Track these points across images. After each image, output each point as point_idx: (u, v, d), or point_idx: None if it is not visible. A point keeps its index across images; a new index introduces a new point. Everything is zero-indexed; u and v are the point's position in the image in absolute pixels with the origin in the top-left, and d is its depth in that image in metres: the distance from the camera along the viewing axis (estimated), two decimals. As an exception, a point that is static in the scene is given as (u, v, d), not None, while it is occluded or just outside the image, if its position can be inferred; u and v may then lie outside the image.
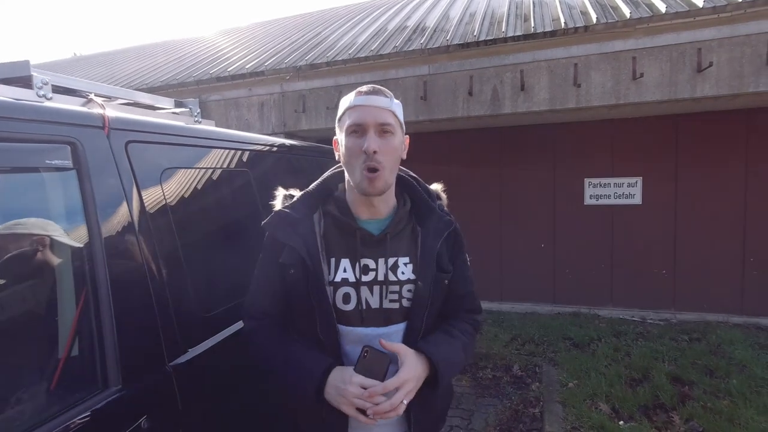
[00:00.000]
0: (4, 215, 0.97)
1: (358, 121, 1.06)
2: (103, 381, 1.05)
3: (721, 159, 4.79)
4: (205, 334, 1.37)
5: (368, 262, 1.12)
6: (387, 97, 1.10)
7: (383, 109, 1.07)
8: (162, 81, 5.95)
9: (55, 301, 1.04)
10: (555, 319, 4.98)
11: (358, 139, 1.06)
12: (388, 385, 1.00)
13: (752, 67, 3.71)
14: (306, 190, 1.21)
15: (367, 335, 1.10)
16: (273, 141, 2.14)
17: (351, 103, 1.09)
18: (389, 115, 1.08)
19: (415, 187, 1.22)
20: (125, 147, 1.24)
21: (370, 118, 1.06)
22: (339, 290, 1.11)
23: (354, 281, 1.11)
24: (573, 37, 4.21)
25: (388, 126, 1.07)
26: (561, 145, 5.30)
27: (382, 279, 1.11)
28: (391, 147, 1.08)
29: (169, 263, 1.29)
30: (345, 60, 4.93)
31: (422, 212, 1.19)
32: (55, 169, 1.04)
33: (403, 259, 1.14)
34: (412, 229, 1.17)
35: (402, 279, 1.12)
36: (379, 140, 1.05)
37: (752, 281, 4.77)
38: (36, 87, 1.17)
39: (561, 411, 3.06)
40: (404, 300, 1.12)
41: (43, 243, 1.02)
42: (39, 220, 1.02)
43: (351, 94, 1.12)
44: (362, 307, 1.10)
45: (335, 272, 1.11)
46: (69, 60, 11.02)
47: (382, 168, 1.05)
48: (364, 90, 1.10)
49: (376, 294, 1.11)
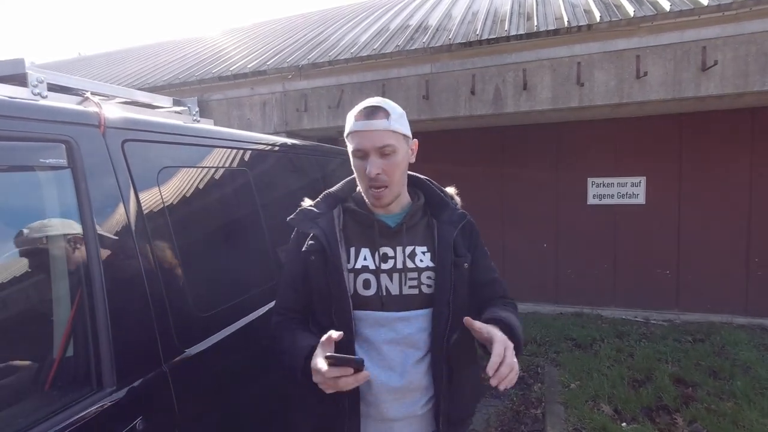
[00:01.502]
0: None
1: (359, 147, 1.12)
2: (98, 382, 1.04)
3: (725, 158, 4.75)
4: (201, 334, 1.36)
5: (387, 251, 1.18)
6: (385, 117, 1.11)
7: (382, 132, 1.10)
8: (164, 80, 5.96)
9: (50, 301, 1.03)
10: (557, 320, 4.96)
11: (362, 162, 1.13)
12: (497, 350, 0.96)
13: (757, 65, 3.67)
14: (328, 191, 1.30)
15: (386, 318, 1.15)
16: (272, 140, 2.13)
17: (351, 128, 1.13)
18: (388, 136, 1.10)
19: (427, 183, 1.30)
20: (122, 146, 1.23)
21: (369, 144, 1.10)
22: (359, 276, 1.16)
23: (374, 268, 1.16)
24: (576, 36, 4.17)
25: (387, 148, 1.10)
26: (564, 145, 5.27)
27: (401, 267, 1.16)
28: (394, 165, 1.12)
29: (165, 263, 1.28)
30: (347, 59, 4.92)
31: (436, 206, 1.25)
32: (50, 167, 1.04)
33: (421, 248, 1.19)
34: (427, 221, 1.23)
35: (420, 266, 1.17)
36: (381, 161, 1.10)
37: (757, 281, 4.73)
38: (31, 85, 1.17)
39: (563, 412, 3.04)
40: (424, 286, 1.16)
41: (38, 243, 1.02)
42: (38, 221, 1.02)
43: (352, 115, 1.14)
44: (382, 293, 1.15)
45: (355, 260, 1.17)
46: (73, 60, 11.06)
47: (388, 184, 1.13)
48: (362, 113, 1.12)
49: (395, 281, 1.16)
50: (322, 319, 1.17)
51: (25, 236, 1.00)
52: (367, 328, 1.15)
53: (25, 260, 1.00)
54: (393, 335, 1.15)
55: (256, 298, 1.65)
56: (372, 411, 1.15)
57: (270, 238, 1.79)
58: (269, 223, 1.79)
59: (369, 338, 1.15)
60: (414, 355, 1.15)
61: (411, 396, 1.16)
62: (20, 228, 1.00)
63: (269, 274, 1.74)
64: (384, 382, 1.13)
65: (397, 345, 1.15)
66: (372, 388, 1.14)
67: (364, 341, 1.16)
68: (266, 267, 1.76)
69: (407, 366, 1.14)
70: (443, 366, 1.15)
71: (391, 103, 1.14)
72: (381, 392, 1.14)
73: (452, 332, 1.16)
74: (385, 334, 1.15)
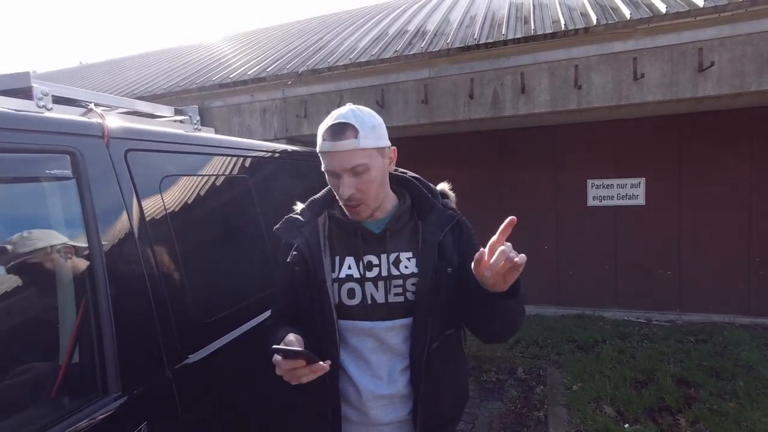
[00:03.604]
0: (6, 224, 0.99)
1: (328, 168, 1.09)
2: (103, 388, 1.06)
3: (724, 158, 4.76)
4: (204, 340, 1.38)
5: (371, 259, 1.15)
6: (354, 135, 1.03)
7: (350, 152, 1.04)
8: (165, 88, 6.00)
9: (56, 309, 1.05)
10: (559, 321, 4.95)
11: (335, 180, 1.10)
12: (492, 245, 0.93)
13: (754, 65, 3.69)
14: (314, 197, 1.27)
15: (371, 328, 1.13)
16: (272, 147, 2.16)
17: (320, 148, 1.09)
18: (358, 156, 1.04)
19: (414, 184, 1.25)
20: (125, 155, 1.25)
21: (339, 166, 1.06)
22: (344, 286, 1.14)
23: (358, 277, 1.14)
24: (573, 39, 4.20)
25: (359, 167, 1.05)
26: (563, 147, 5.29)
27: (385, 274, 1.14)
28: (368, 182, 1.08)
29: (168, 270, 1.30)
30: (346, 65, 4.95)
31: (423, 208, 1.21)
32: (55, 178, 1.06)
33: (406, 254, 1.15)
34: (413, 224, 1.19)
35: (405, 273, 1.14)
36: (354, 180, 1.06)
37: (759, 281, 4.73)
38: (36, 98, 1.19)
39: (565, 414, 3.04)
40: (409, 294, 1.13)
41: (44, 252, 1.03)
42: (39, 230, 1.04)
43: (320, 132, 1.09)
44: (367, 302, 1.13)
45: (339, 269, 1.15)
46: (74, 69, 11.13)
47: (363, 200, 1.09)
48: (328, 132, 1.06)
49: (381, 289, 1.14)
50: (309, 327, 1.16)
51: (31, 245, 1.02)
52: (353, 337, 1.15)
53: (32, 268, 1.02)
54: (379, 345, 1.14)
55: (258, 305, 1.66)
56: (361, 417, 1.15)
57: (270, 245, 1.80)
58: (270, 230, 1.80)
59: (356, 347, 1.15)
60: (401, 363, 1.15)
61: (399, 401, 1.15)
62: (26, 237, 1.02)
63: (270, 280, 1.76)
64: (372, 390, 1.13)
65: (383, 354, 1.15)
66: (361, 396, 1.14)
67: (351, 350, 1.15)
68: (267, 273, 1.77)
69: (395, 374, 1.14)
70: (422, 374, 1.13)
71: (361, 115, 1.06)
72: (369, 399, 1.13)
73: (433, 340, 1.13)
74: (371, 344, 1.14)
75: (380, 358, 1.14)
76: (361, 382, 1.14)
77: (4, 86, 1.22)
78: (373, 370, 1.14)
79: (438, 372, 1.15)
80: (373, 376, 1.14)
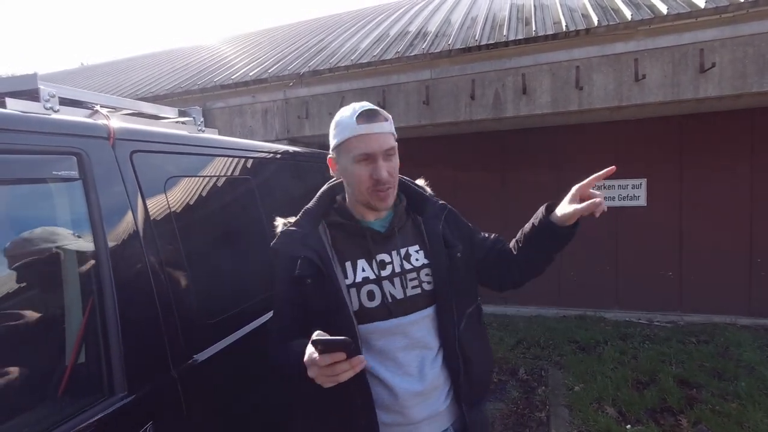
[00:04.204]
0: (13, 225, 0.99)
1: (368, 151, 1.09)
2: (110, 387, 1.07)
3: (726, 159, 4.77)
4: (209, 340, 1.39)
5: (383, 257, 1.17)
6: (387, 119, 1.12)
7: (387, 135, 1.12)
8: (167, 89, 6.01)
9: (62, 309, 1.06)
10: (560, 322, 4.96)
11: (367, 167, 1.11)
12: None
13: (755, 66, 3.70)
14: (306, 207, 1.25)
15: (397, 325, 1.14)
16: (274, 148, 2.17)
17: (355, 132, 1.09)
18: (391, 139, 1.13)
19: (405, 182, 1.31)
20: (130, 157, 1.26)
21: (378, 147, 1.10)
22: (362, 289, 1.14)
23: (375, 278, 1.15)
24: (574, 40, 4.21)
25: (391, 150, 1.12)
26: (564, 148, 5.29)
27: (399, 270, 1.16)
28: (396, 166, 1.16)
29: (173, 270, 1.30)
30: (347, 66, 4.96)
31: (417, 203, 1.27)
32: (62, 179, 1.07)
33: (413, 247, 1.20)
34: (413, 220, 1.26)
35: (417, 265, 1.18)
36: (387, 164, 1.12)
37: (760, 282, 4.73)
38: (43, 100, 1.20)
39: (567, 415, 3.04)
40: (425, 284, 1.17)
41: (51, 252, 1.04)
42: (46, 230, 1.05)
43: (350, 119, 1.10)
44: (387, 301, 1.14)
45: (354, 274, 1.15)
46: (76, 70, 11.16)
47: (393, 185, 1.15)
48: (363, 116, 1.09)
49: (398, 285, 1.15)
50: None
51: (38, 245, 1.03)
52: (379, 339, 1.13)
53: (38, 268, 1.02)
54: (407, 341, 1.14)
55: (262, 305, 1.67)
56: (397, 418, 1.13)
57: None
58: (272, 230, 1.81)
59: (383, 349, 1.13)
60: (429, 356, 1.16)
61: (434, 395, 1.15)
62: (33, 237, 1.03)
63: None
64: (407, 388, 1.12)
65: (412, 350, 1.14)
66: (397, 397, 1.11)
67: (378, 353, 1.13)
68: (270, 273, 1.78)
69: (425, 368, 1.14)
70: (459, 356, 1.16)
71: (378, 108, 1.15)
72: (406, 399, 1.12)
73: (460, 320, 1.18)
74: (399, 342, 1.14)
75: (409, 354, 1.14)
76: (395, 383, 1.12)
77: (11, 88, 1.23)
78: (404, 368, 1.13)
79: (470, 351, 1.18)
80: (405, 375, 1.13)
